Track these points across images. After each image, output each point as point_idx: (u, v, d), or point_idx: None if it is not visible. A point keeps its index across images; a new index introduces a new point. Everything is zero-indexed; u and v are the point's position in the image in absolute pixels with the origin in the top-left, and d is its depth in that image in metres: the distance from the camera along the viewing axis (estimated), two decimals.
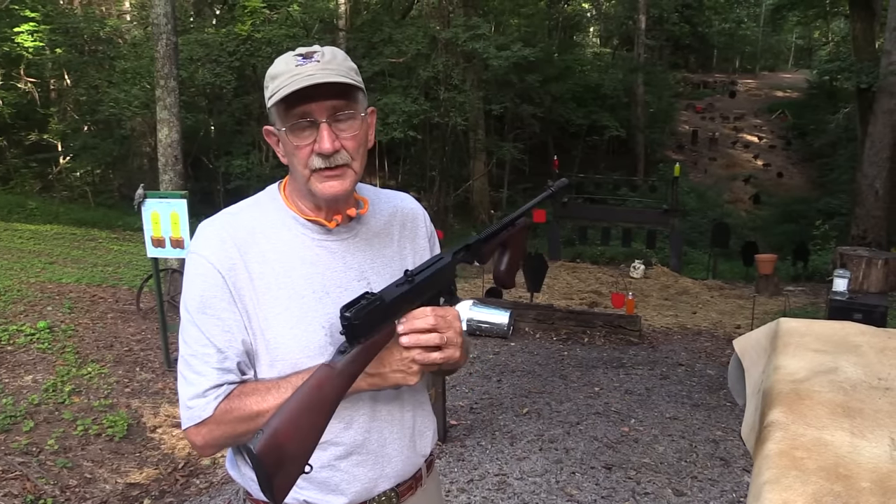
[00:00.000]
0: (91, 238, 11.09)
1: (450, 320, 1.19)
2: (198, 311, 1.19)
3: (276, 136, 1.22)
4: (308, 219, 1.25)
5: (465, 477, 3.77)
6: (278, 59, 1.20)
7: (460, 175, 18.63)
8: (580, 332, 6.92)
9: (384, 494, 1.30)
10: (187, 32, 15.02)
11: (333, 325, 1.20)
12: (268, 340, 1.19)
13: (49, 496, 3.31)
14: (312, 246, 1.25)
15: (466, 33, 14.07)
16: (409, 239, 1.38)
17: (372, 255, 1.31)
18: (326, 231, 1.26)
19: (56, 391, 4.39)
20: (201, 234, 1.24)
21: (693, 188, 21.01)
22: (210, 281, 1.19)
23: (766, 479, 1.06)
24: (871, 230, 12.37)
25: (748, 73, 37.32)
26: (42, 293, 6.36)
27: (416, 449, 1.34)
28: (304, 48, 1.19)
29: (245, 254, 1.20)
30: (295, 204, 1.27)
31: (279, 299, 1.20)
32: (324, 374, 1.09)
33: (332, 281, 1.24)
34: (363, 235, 1.31)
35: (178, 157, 7.72)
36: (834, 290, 5.79)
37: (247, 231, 1.23)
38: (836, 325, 1.49)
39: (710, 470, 3.92)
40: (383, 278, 1.28)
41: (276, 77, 1.17)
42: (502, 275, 1.41)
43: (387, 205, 1.38)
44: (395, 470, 1.30)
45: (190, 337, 1.20)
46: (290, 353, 1.19)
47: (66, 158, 17.05)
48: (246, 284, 1.19)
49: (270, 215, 1.26)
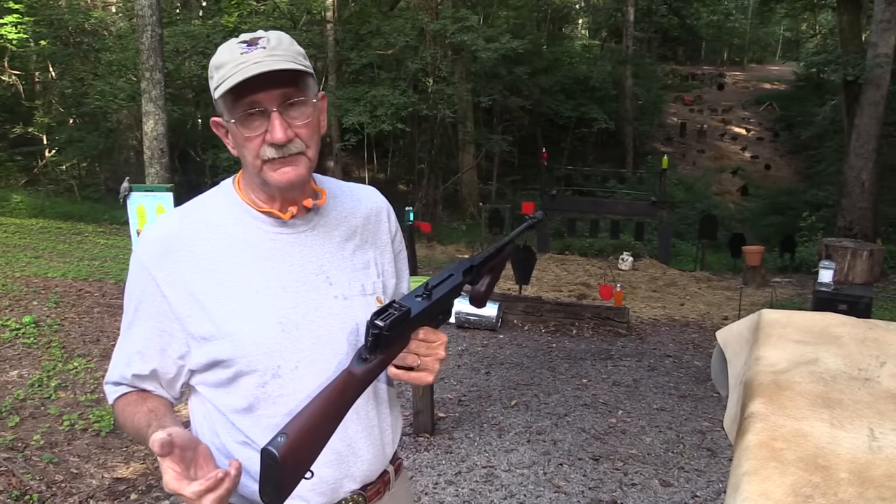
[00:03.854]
0: (77, 232, 11.01)
1: (435, 347, 1.18)
2: (131, 310, 1.22)
3: (225, 128, 1.18)
4: (262, 211, 1.21)
5: (453, 469, 3.77)
6: (222, 46, 1.15)
7: (449, 167, 18.60)
8: (568, 324, 6.94)
9: (351, 498, 1.25)
10: (173, 24, 14.88)
11: (290, 320, 1.18)
12: (225, 335, 1.16)
13: (35, 491, 3.29)
14: (267, 239, 1.21)
15: (455, 25, 14.02)
16: (372, 234, 1.34)
17: (331, 248, 1.26)
18: (282, 223, 1.22)
19: (42, 386, 4.36)
20: (145, 236, 1.22)
21: (681, 180, 21.07)
22: (144, 286, 1.19)
23: (746, 471, 1.07)
24: (857, 221, 12.46)
25: (736, 66, 37.41)
26: (27, 288, 6.31)
27: (383, 448, 1.30)
28: (249, 34, 1.14)
29: (191, 253, 1.17)
30: (248, 196, 1.23)
31: (232, 295, 1.16)
32: (346, 380, 1.08)
33: (288, 275, 1.20)
34: (322, 228, 1.26)
35: (164, 150, 7.67)
36: (819, 282, 5.84)
37: (196, 229, 1.20)
38: (817, 317, 1.50)
39: (697, 460, 3.95)
40: (344, 273, 1.25)
41: (220, 66, 1.12)
42: (480, 295, 1.37)
43: (349, 198, 1.34)
44: (362, 470, 1.26)
45: (123, 325, 1.24)
46: (246, 348, 1.15)
47: (52, 151, 16.90)
48: (195, 285, 1.16)
49: (223, 210, 1.22)
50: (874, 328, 1.43)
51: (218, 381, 1.19)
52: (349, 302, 1.24)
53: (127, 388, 1.24)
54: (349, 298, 1.24)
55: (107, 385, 1.28)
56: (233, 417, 1.19)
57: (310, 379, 1.18)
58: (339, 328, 1.22)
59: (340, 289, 1.24)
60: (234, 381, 1.18)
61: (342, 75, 16.64)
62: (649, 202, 12.28)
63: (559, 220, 13.82)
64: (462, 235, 15.40)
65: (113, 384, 1.26)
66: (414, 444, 4.11)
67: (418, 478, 3.66)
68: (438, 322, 1.22)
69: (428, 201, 16.78)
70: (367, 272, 1.29)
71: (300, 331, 1.18)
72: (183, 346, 1.19)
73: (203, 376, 1.21)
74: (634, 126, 22.44)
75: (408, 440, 4.16)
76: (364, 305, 1.25)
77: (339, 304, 1.23)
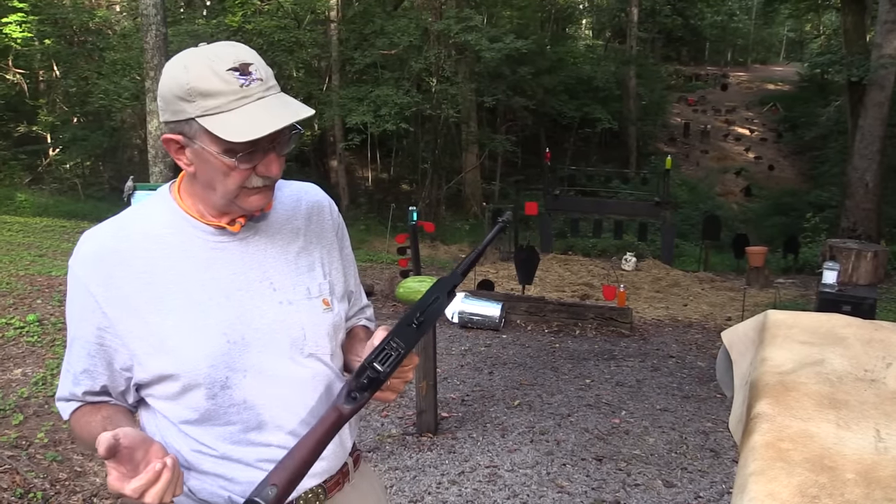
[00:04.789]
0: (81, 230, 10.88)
1: (406, 371, 1.19)
2: (73, 326, 1.19)
3: (181, 145, 1.12)
4: (208, 223, 1.18)
5: (456, 469, 3.77)
6: (199, 66, 1.07)
7: (452, 167, 18.61)
8: (571, 324, 6.94)
9: (311, 491, 1.25)
10: (177, 23, 14.91)
11: (235, 331, 1.16)
12: (169, 350, 1.13)
13: (39, 489, 3.30)
14: (207, 248, 1.17)
15: (458, 25, 14.03)
16: (316, 233, 1.31)
17: (275, 252, 1.23)
18: (223, 232, 1.18)
19: (46, 384, 4.36)
20: (79, 249, 1.17)
21: (685, 181, 21.06)
22: (83, 302, 1.16)
23: (752, 471, 1.07)
24: (861, 223, 12.44)
25: (740, 66, 37.38)
26: (31, 286, 6.32)
27: (342, 443, 1.30)
28: (228, 54, 1.08)
29: (129, 266, 1.14)
30: (193, 207, 1.19)
31: (174, 309, 1.13)
32: (335, 418, 1.10)
33: (231, 284, 1.17)
34: (265, 232, 1.23)
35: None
36: (823, 283, 5.83)
37: (132, 241, 1.16)
38: (823, 317, 1.49)
39: (701, 461, 3.95)
40: (288, 278, 1.23)
41: (212, 96, 1.06)
42: None
43: (289, 197, 1.30)
44: (322, 467, 1.24)
45: (68, 342, 1.21)
46: (192, 363, 1.13)
47: (56, 150, 16.94)
48: (135, 298, 1.13)
49: (161, 219, 1.19)
50: (880, 329, 1.43)
51: (166, 394, 1.17)
52: (294, 307, 1.22)
53: (78, 403, 1.22)
54: (294, 303, 1.22)
55: (58, 402, 1.25)
56: (184, 428, 1.18)
57: (259, 387, 1.17)
58: (284, 334, 1.20)
59: (285, 294, 1.22)
60: (183, 394, 1.15)
61: (346, 75, 16.67)
62: (653, 203, 12.26)
63: (562, 220, 13.83)
64: (465, 235, 15.42)
65: (64, 401, 1.24)
66: (417, 443, 4.11)
67: (421, 478, 3.66)
68: None
69: (431, 201, 16.79)
70: (311, 274, 1.27)
71: (246, 340, 1.16)
72: (127, 359, 1.16)
73: (151, 389, 1.18)
74: (638, 126, 22.45)
75: (411, 440, 4.16)
76: (309, 309, 1.24)
77: (284, 310, 1.21)
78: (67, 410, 1.24)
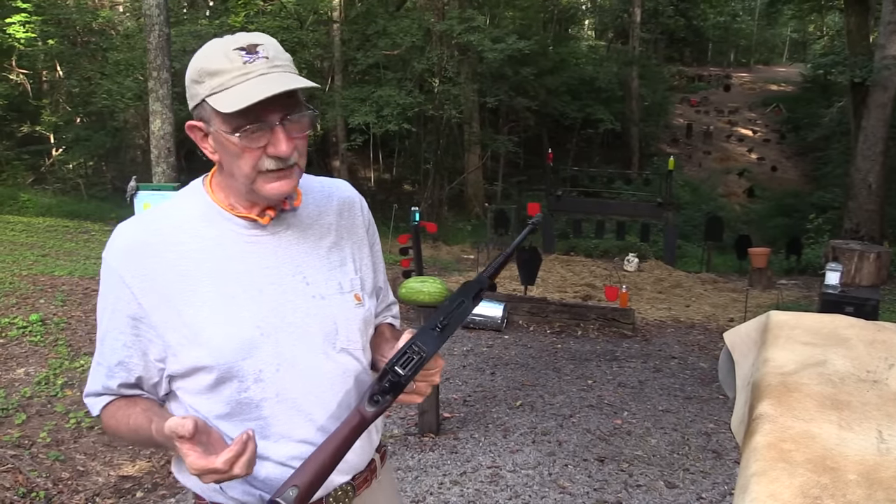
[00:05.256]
0: (84, 230, 11.04)
1: (432, 374, 1.19)
2: (106, 319, 1.19)
3: (204, 132, 1.14)
4: (239, 216, 1.19)
5: (458, 469, 3.77)
6: (212, 49, 1.11)
7: (455, 168, 18.60)
8: (574, 325, 6.93)
9: (340, 489, 1.25)
10: (180, 24, 14.93)
11: (269, 324, 1.16)
12: (203, 342, 1.14)
13: (41, 489, 3.30)
14: (240, 242, 1.18)
15: (461, 25, 14.03)
16: (347, 229, 1.32)
17: (307, 247, 1.24)
18: (255, 225, 1.19)
19: (48, 384, 4.37)
20: (113, 241, 1.18)
21: (687, 182, 21.03)
22: (118, 293, 1.16)
23: (754, 472, 1.07)
24: (864, 224, 12.42)
25: (743, 67, 37.32)
26: (34, 286, 6.33)
27: (370, 439, 1.30)
28: (242, 37, 1.11)
29: (163, 258, 1.15)
30: (225, 200, 1.20)
31: (207, 301, 1.14)
32: (358, 421, 1.11)
33: (265, 278, 1.18)
34: (297, 227, 1.24)
35: (170, 149, 7.69)
36: (826, 284, 5.82)
37: (165, 233, 1.17)
38: (826, 318, 1.49)
39: (703, 462, 3.94)
40: (320, 272, 1.23)
41: (217, 74, 1.08)
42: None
43: (320, 193, 1.32)
44: (351, 463, 1.25)
45: (99, 336, 1.21)
46: (225, 355, 1.14)
47: (59, 150, 16.96)
48: (169, 290, 1.14)
49: (194, 212, 1.20)
50: (883, 330, 1.43)
51: (198, 387, 1.17)
52: (326, 301, 1.23)
53: (110, 397, 1.22)
54: (326, 298, 1.23)
55: (87, 398, 1.25)
56: (216, 422, 1.18)
57: (291, 380, 1.18)
58: (317, 328, 1.21)
59: (317, 288, 1.23)
60: (215, 387, 1.16)
61: (348, 75, 16.68)
62: (655, 203, 12.26)
63: (565, 221, 13.82)
64: (467, 236, 15.41)
65: (95, 395, 1.24)
66: (419, 444, 4.11)
67: (423, 478, 3.66)
68: None
69: (433, 201, 16.79)
70: (343, 269, 1.28)
71: (279, 333, 1.17)
72: (161, 351, 1.17)
73: (183, 382, 1.19)
74: (640, 127, 22.42)
75: (413, 440, 4.16)
76: (342, 303, 1.24)
77: (317, 304, 1.22)
78: (99, 405, 1.24)
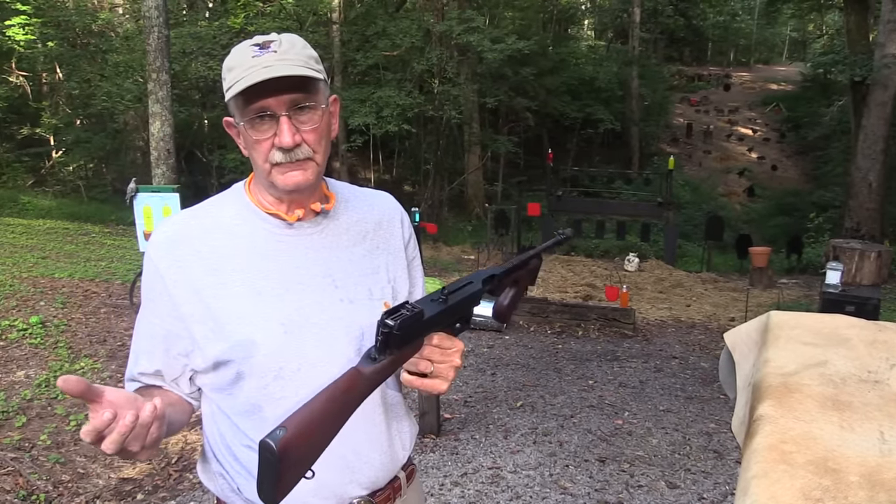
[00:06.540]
0: (84, 233, 11.04)
1: (450, 354, 1.12)
2: (144, 308, 1.23)
3: (236, 129, 1.19)
4: (269, 213, 1.21)
5: (459, 470, 3.77)
6: (234, 48, 1.16)
7: (455, 168, 18.59)
8: (574, 325, 6.93)
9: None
10: (180, 25, 14.92)
11: (293, 322, 1.16)
12: (226, 336, 1.15)
13: (42, 491, 3.30)
14: (272, 240, 1.21)
15: (461, 26, 14.02)
16: (385, 240, 1.32)
17: (339, 252, 1.25)
18: (288, 225, 1.21)
19: (48, 386, 4.37)
20: (155, 234, 1.22)
21: (687, 181, 21.03)
22: (152, 284, 1.19)
23: (755, 474, 1.06)
24: (864, 223, 12.41)
25: (742, 66, 37.31)
26: (35, 288, 6.33)
27: (392, 454, 1.28)
28: (262, 37, 1.14)
29: (197, 251, 1.18)
30: (257, 198, 1.23)
31: (235, 295, 1.16)
32: (353, 377, 1.03)
33: (293, 277, 1.19)
34: (330, 231, 1.25)
35: (170, 151, 7.69)
36: (827, 283, 5.81)
37: (203, 229, 1.20)
38: (827, 318, 1.49)
39: (704, 462, 3.93)
40: (350, 277, 1.24)
41: (232, 68, 1.12)
42: (504, 309, 1.32)
43: (362, 203, 1.33)
44: (369, 477, 1.24)
45: (137, 322, 1.25)
46: (247, 351, 1.15)
47: (59, 153, 16.95)
48: (199, 283, 1.16)
49: (232, 210, 1.23)
50: (884, 330, 1.42)
51: (220, 382, 1.19)
52: (354, 306, 1.22)
53: (137, 384, 1.24)
54: (355, 302, 1.22)
55: (126, 382, 1.28)
56: (236, 420, 1.19)
57: (312, 381, 1.16)
58: (343, 331, 1.20)
59: (346, 292, 1.22)
60: (236, 382, 1.17)
61: (348, 76, 16.66)
62: (655, 203, 12.25)
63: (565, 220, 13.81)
64: (468, 236, 15.40)
65: (129, 381, 1.27)
66: (420, 445, 4.10)
67: (424, 479, 3.66)
68: (456, 330, 1.18)
69: (434, 202, 16.78)
70: (375, 277, 1.27)
71: (303, 332, 1.17)
72: (188, 345, 1.18)
73: (206, 377, 1.20)
74: (640, 127, 22.42)
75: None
76: (370, 310, 1.22)
77: (345, 308, 1.21)
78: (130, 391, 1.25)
